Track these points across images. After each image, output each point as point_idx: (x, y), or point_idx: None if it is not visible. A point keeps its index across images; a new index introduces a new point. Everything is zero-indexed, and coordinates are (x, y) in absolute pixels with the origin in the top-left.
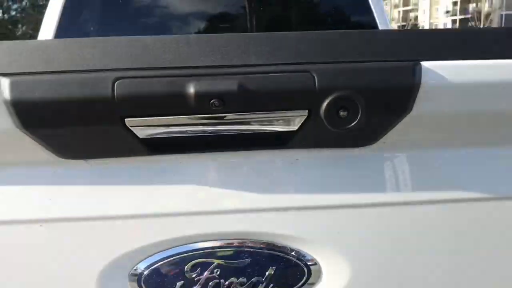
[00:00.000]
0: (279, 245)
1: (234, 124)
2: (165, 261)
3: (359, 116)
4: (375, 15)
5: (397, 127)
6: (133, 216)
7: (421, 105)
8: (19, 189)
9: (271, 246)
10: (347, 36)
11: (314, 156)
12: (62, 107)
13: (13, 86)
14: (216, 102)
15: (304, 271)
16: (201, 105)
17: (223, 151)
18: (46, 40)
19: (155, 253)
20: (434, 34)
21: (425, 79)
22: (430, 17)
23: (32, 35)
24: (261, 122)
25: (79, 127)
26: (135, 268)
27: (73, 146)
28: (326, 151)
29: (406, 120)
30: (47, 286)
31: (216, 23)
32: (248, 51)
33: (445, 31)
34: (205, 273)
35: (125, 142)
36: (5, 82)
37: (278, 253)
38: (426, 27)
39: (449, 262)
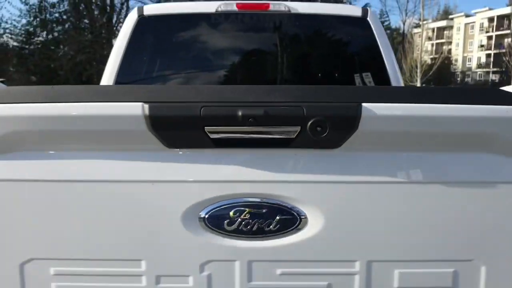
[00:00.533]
0: (284, 203)
1: (260, 133)
2: (217, 208)
3: (327, 131)
4: (383, 54)
5: (351, 138)
6: (201, 181)
7: (363, 126)
8: (142, 163)
9: (279, 203)
10: (322, 88)
11: (305, 152)
12: (173, 120)
13: (150, 108)
14: (251, 120)
15: (297, 220)
16: (244, 121)
17: (254, 148)
18: (166, 86)
19: (211, 204)
20: (368, 89)
21: (364, 112)
22: (464, 51)
23: (72, 55)
24: (275, 132)
25: (181, 130)
26: (200, 213)
27: (175, 141)
28: (312, 150)
29: (356, 134)
30: (153, 220)
31: (254, 56)
32: (269, 94)
33: (373, 88)
34: (241, 216)
35: (203, 140)
36: (146, 106)
37: (283, 207)
38: (460, 60)
39: (379, 214)
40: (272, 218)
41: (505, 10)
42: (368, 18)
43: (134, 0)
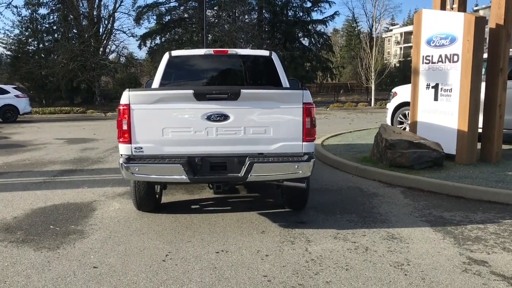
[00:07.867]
0: (224, 113)
1: (218, 96)
2: (208, 114)
3: (234, 96)
4: (279, 72)
5: (239, 97)
6: (206, 108)
7: (242, 94)
8: (191, 104)
9: (223, 113)
10: (235, 86)
11: (229, 101)
12: (198, 93)
13: (194, 91)
14: (215, 92)
15: (228, 117)
16: (217, 95)
17: (217, 100)
18: (195, 86)
19: (207, 114)
20: (244, 87)
21: (242, 91)
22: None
23: (65, 63)
24: (222, 96)
25: (200, 96)
26: (204, 115)
27: (199, 97)
28: (231, 100)
29: (240, 96)
30: (193, 117)
31: (221, 73)
32: (223, 86)
33: (247, 86)
34: (215, 117)
35: (205, 97)
36: (192, 90)
37: (224, 114)
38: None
39: (247, 116)
40: (222, 117)
41: None
42: (272, 56)
43: (119, 12)
